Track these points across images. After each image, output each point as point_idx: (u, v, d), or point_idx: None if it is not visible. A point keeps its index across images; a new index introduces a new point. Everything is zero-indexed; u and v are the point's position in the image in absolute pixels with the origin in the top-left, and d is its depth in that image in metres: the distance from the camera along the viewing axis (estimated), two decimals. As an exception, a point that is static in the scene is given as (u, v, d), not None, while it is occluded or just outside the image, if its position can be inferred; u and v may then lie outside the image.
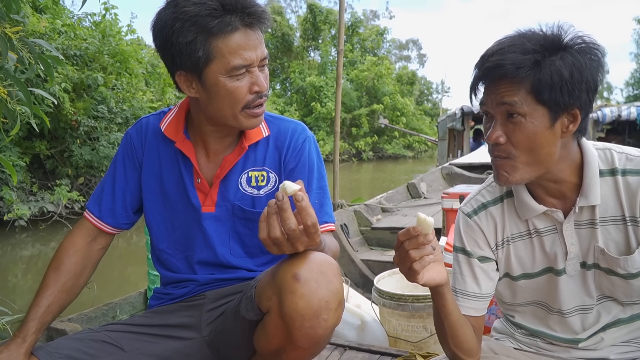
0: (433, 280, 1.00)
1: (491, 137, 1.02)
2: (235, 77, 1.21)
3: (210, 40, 1.17)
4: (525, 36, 1.00)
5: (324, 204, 1.36)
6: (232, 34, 1.17)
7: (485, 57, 1.02)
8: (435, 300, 1.08)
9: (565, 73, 0.96)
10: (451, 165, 7.73)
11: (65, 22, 8.18)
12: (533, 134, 0.99)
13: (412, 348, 2.10)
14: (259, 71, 1.23)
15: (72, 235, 1.38)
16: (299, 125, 1.42)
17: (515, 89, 0.98)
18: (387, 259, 3.85)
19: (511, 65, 0.97)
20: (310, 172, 1.37)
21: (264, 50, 1.23)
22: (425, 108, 34.60)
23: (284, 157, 1.37)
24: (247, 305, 1.21)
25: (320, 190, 1.37)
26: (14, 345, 1.19)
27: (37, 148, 7.60)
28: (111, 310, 2.21)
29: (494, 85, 1.01)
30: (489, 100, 1.03)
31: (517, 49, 0.98)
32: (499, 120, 1.02)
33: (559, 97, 0.97)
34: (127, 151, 1.42)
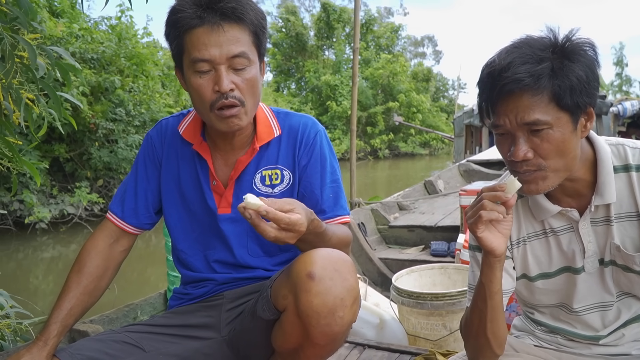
0: (490, 242, 1.00)
1: (518, 155, 0.98)
2: (199, 74, 1.21)
3: (180, 34, 1.21)
4: (529, 44, 0.98)
5: (338, 197, 1.36)
6: (195, 28, 1.19)
7: (495, 75, 0.97)
8: (483, 274, 1.06)
9: (582, 74, 0.96)
10: (468, 162, 7.66)
11: (82, 26, 8.30)
12: (562, 142, 0.98)
13: (431, 346, 2.09)
14: (226, 70, 1.20)
15: (94, 238, 1.39)
16: (310, 119, 1.42)
17: (537, 101, 0.95)
18: (405, 257, 3.83)
19: (530, 78, 0.94)
20: (322, 166, 1.37)
21: (234, 49, 1.19)
22: (442, 105, 34.34)
23: (297, 153, 1.37)
24: (264, 305, 1.21)
25: (334, 184, 1.37)
26: (36, 348, 1.21)
27: (56, 151, 7.72)
28: (132, 312, 2.23)
29: (512, 103, 0.97)
30: (507, 120, 0.98)
31: (529, 59, 0.95)
32: (522, 136, 0.99)
33: (580, 99, 0.96)
34: (148, 152, 1.44)
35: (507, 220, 1.00)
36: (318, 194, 1.33)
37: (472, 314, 1.13)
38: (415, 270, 2.49)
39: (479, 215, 0.98)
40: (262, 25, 1.27)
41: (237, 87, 1.22)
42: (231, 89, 1.21)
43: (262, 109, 1.40)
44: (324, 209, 1.32)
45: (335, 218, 1.32)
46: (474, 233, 1.01)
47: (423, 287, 2.40)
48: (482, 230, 0.99)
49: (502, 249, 1.02)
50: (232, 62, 1.21)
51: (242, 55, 1.21)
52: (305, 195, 1.35)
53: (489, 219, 0.98)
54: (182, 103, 9.53)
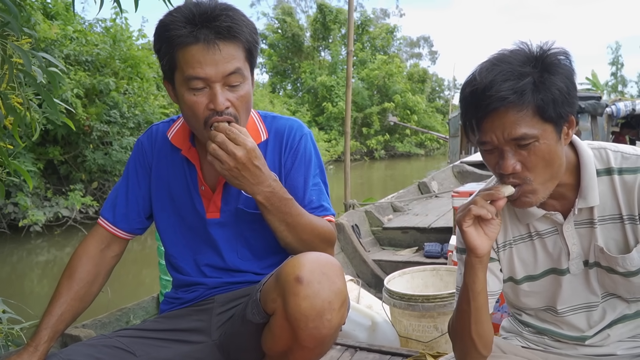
0: (473, 239, 1.02)
1: (507, 168, 1.00)
2: (193, 91, 1.20)
3: (172, 50, 1.20)
4: (507, 61, 0.99)
5: (321, 199, 1.38)
6: (189, 46, 1.18)
7: (479, 93, 0.98)
8: (466, 275, 1.08)
9: (562, 85, 0.98)
10: (462, 163, 7.69)
11: (77, 28, 8.28)
12: (548, 153, 1.00)
13: (423, 348, 2.10)
14: (221, 88, 1.20)
15: (86, 243, 1.40)
16: (295, 122, 1.42)
17: (522, 116, 0.97)
18: (399, 258, 3.84)
19: (514, 95, 0.95)
20: (306, 168, 1.38)
21: (229, 67, 1.19)
22: (437, 105, 34.40)
23: (282, 156, 1.38)
24: (253, 309, 1.22)
25: (316, 187, 1.38)
26: (27, 354, 1.21)
27: (50, 154, 7.70)
28: (124, 316, 2.23)
29: (498, 120, 0.98)
30: (495, 137, 0.99)
31: (510, 76, 0.97)
32: (509, 150, 1.00)
33: (562, 110, 0.98)
34: (139, 157, 1.45)
35: (494, 224, 1.02)
36: (301, 196, 1.34)
37: (457, 315, 1.15)
38: (408, 272, 2.51)
39: (468, 209, 1.01)
40: (255, 41, 1.27)
41: (232, 104, 1.22)
42: (227, 107, 1.21)
43: (250, 114, 1.39)
44: (307, 210, 1.33)
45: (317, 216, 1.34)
46: (460, 226, 1.03)
47: (415, 289, 2.41)
48: (469, 224, 1.02)
49: (484, 250, 1.03)
50: (227, 79, 1.21)
51: (237, 72, 1.21)
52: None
53: (477, 214, 1.01)
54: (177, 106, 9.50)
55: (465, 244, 1.04)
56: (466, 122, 1.04)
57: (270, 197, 1.21)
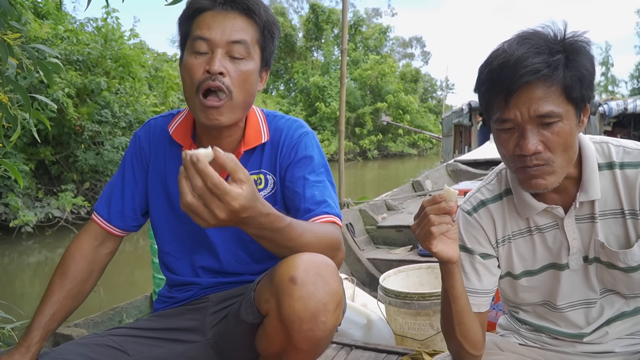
0: (445, 253, 1.01)
1: (529, 149, 0.97)
2: (195, 54, 1.21)
3: (190, 16, 1.23)
4: (537, 36, 0.98)
5: (324, 195, 1.29)
6: (205, 11, 1.21)
7: (510, 65, 0.96)
8: (445, 281, 1.08)
9: (589, 66, 0.97)
10: (456, 162, 7.71)
11: (68, 28, 8.23)
12: (570, 135, 0.99)
13: (418, 346, 2.09)
14: (222, 55, 1.19)
15: (79, 240, 1.37)
16: (296, 121, 1.39)
17: (550, 93, 0.96)
18: (393, 257, 3.84)
19: (548, 68, 0.94)
20: (307, 165, 1.32)
21: (235, 35, 1.20)
22: (430, 105, 34.53)
23: (279, 155, 1.34)
24: (247, 309, 1.20)
25: (319, 184, 1.31)
26: (18, 354, 1.19)
27: (41, 154, 7.64)
28: (117, 315, 2.21)
29: (525, 95, 0.96)
30: (519, 113, 0.97)
31: (544, 50, 0.96)
32: (532, 129, 0.98)
33: (585, 92, 0.98)
34: (136, 153, 1.41)
35: (453, 227, 1.02)
36: (301, 193, 1.29)
37: (442, 318, 1.15)
38: (403, 271, 2.50)
39: (429, 231, 0.99)
40: (271, 29, 1.26)
41: (229, 74, 1.19)
42: (221, 72, 1.18)
43: (255, 112, 1.37)
44: (309, 207, 1.26)
45: (320, 216, 1.25)
46: (428, 250, 1.01)
47: (410, 287, 2.41)
48: (436, 244, 1.00)
49: (457, 255, 1.04)
50: (230, 48, 1.20)
51: (242, 43, 1.20)
52: (290, 196, 1.31)
53: (439, 232, 0.99)
54: (170, 105, 9.47)
55: (440, 259, 1.03)
56: (490, 97, 1.01)
57: (261, 233, 1.04)
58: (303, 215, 1.25)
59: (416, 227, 1.02)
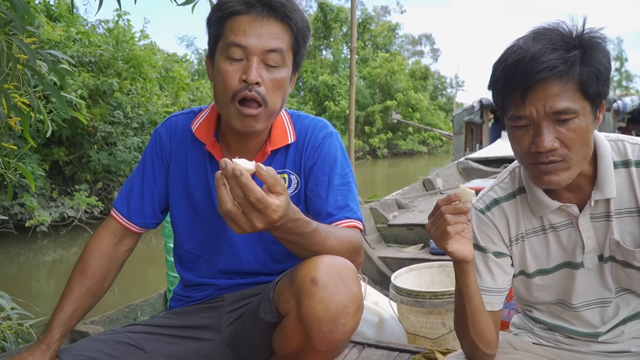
0: (460, 252, 1.01)
1: (544, 146, 0.97)
2: (230, 60, 1.19)
3: (222, 18, 1.21)
4: (552, 32, 0.98)
5: (347, 200, 1.29)
6: (239, 15, 1.19)
7: (526, 61, 0.95)
8: (458, 280, 1.07)
9: (605, 62, 0.97)
10: (467, 160, 7.67)
11: (80, 30, 8.29)
12: (585, 132, 0.98)
13: (431, 344, 2.09)
14: (258, 63, 1.18)
15: (98, 237, 1.37)
16: (320, 122, 1.38)
17: (567, 89, 0.95)
18: (405, 255, 3.83)
19: (564, 64, 0.94)
20: (331, 168, 1.31)
21: (271, 44, 1.18)
22: (440, 103, 34.33)
23: (303, 155, 1.33)
24: (266, 308, 1.21)
25: (343, 187, 1.31)
26: (39, 351, 1.21)
27: (56, 155, 7.71)
28: (132, 312, 2.24)
29: (541, 92, 0.96)
30: (534, 110, 0.97)
31: (560, 46, 0.95)
32: (547, 126, 0.97)
33: (601, 88, 0.98)
34: (156, 150, 1.40)
35: (468, 226, 1.01)
36: (324, 196, 1.29)
37: (456, 317, 1.15)
38: (415, 269, 2.50)
39: (445, 231, 0.99)
40: (304, 34, 1.26)
41: (264, 83, 1.19)
42: (257, 83, 1.18)
43: (280, 113, 1.36)
44: (331, 211, 1.27)
45: (341, 221, 1.26)
46: (444, 249, 1.01)
47: (422, 286, 2.40)
48: (451, 244, 1.00)
49: (472, 255, 1.03)
50: (266, 56, 1.19)
51: (278, 52, 1.20)
52: (312, 198, 1.31)
53: (455, 232, 0.99)
54: (180, 105, 9.52)
55: (455, 258, 1.03)
56: (505, 94, 1.01)
57: (288, 236, 1.07)
58: (325, 219, 1.25)
59: (431, 227, 1.02)
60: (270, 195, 0.95)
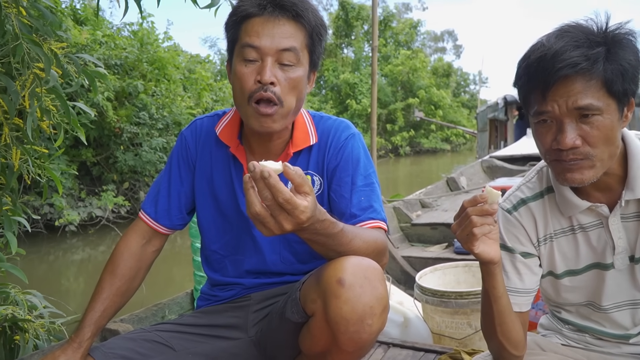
0: (487, 254, 1.00)
1: (566, 143, 0.96)
2: (245, 62, 1.21)
3: (237, 22, 1.23)
4: (577, 29, 0.97)
5: (371, 201, 1.30)
6: (253, 17, 1.21)
7: (548, 58, 0.95)
8: (485, 282, 1.06)
9: (632, 59, 0.95)
10: (491, 158, 7.57)
11: (105, 33, 8.45)
12: (610, 130, 0.97)
13: (456, 345, 2.08)
14: (272, 63, 1.20)
15: (127, 238, 1.40)
16: (342, 123, 1.39)
17: (590, 86, 0.94)
18: (428, 255, 3.81)
19: (586, 62, 0.93)
20: (354, 169, 1.32)
21: (285, 43, 1.19)
22: (463, 100, 34.00)
23: (326, 156, 1.34)
24: (293, 308, 1.22)
25: (366, 188, 1.31)
26: (71, 349, 1.23)
27: (83, 156, 7.87)
28: (160, 311, 2.28)
29: (563, 88, 0.95)
30: (557, 106, 0.96)
31: (583, 43, 0.94)
32: (570, 122, 0.96)
33: (628, 87, 0.96)
34: (182, 152, 1.43)
35: (495, 227, 1.00)
36: (348, 197, 1.29)
37: (483, 318, 1.14)
38: (439, 269, 2.48)
39: (472, 233, 0.98)
40: (319, 32, 1.26)
41: (279, 83, 1.20)
42: (272, 82, 1.19)
43: (302, 115, 1.37)
44: (355, 212, 1.27)
45: (365, 222, 1.26)
46: (470, 251, 1.00)
47: (447, 286, 2.39)
48: (478, 246, 0.99)
49: (499, 256, 1.02)
50: (280, 56, 1.20)
51: (291, 50, 1.21)
52: (335, 200, 1.31)
53: (482, 234, 0.98)
54: (203, 105, 9.63)
55: (481, 260, 1.02)
56: (527, 91, 1.00)
57: (315, 237, 1.07)
58: (348, 220, 1.26)
59: (457, 228, 1.01)
60: (298, 196, 0.95)
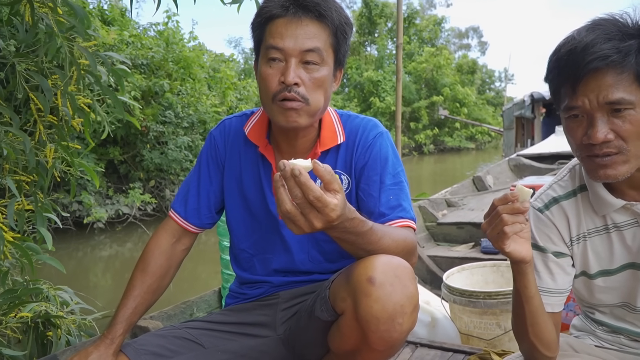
0: (519, 253, 0.98)
1: (597, 137, 0.94)
2: (269, 63, 1.22)
3: (262, 23, 1.24)
4: (611, 22, 0.95)
5: (400, 199, 1.29)
6: (277, 18, 1.21)
7: (578, 51, 0.93)
8: (517, 281, 1.05)
9: None
10: (519, 157, 7.44)
11: (132, 33, 8.59)
12: None
13: (485, 345, 2.05)
14: (296, 64, 1.20)
15: (157, 237, 1.42)
16: (370, 121, 1.38)
17: (621, 80, 0.92)
18: (455, 254, 3.77)
19: (617, 54, 0.91)
20: (382, 167, 1.31)
21: (308, 43, 1.20)
22: (488, 97, 33.55)
23: (354, 155, 1.34)
24: (322, 306, 1.22)
25: (395, 187, 1.31)
26: (103, 346, 1.26)
27: (111, 154, 8.02)
28: (188, 308, 2.31)
29: (594, 82, 0.93)
30: (587, 100, 0.95)
31: (615, 36, 0.92)
32: (601, 117, 0.94)
33: None
34: (211, 152, 1.44)
35: (526, 226, 0.99)
36: (376, 196, 1.29)
37: (514, 318, 1.12)
38: (467, 268, 2.45)
39: (502, 231, 0.96)
40: (344, 30, 1.26)
41: (303, 83, 1.21)
42: (296, 83, 1.20)
43: (329, 113, 1.38)
44: (383, 211, 1.27)
45: (394, 220, 1.26)
46: (501, 250, 0.99)
47: (475, 285, 2.36)
48: (509, 244, 0.97)
49: (530, 255, 1.00)
50: (304, 56, 1.21)
51: (315, 51, 1.21)
52: (364, 199, 1.31)
53: (513, 232, 0.96)
54: (228, 104, 9.71)
55: (512, 259, 1.01)
56: (557, 85, 0.99)
57: (344, 236, 1.07)
58: (377, 218, 1.25)
59: (487, 226, 1.00)
60: (328, 194, 0.96)
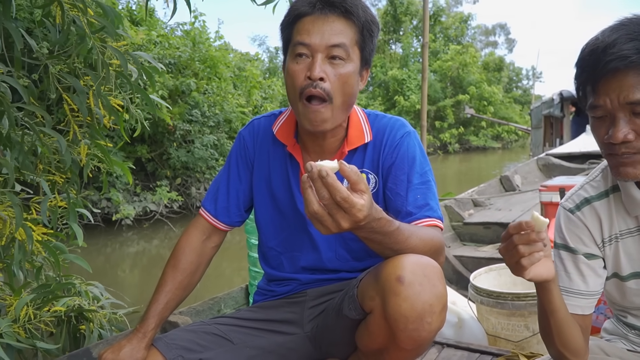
0: (540, 276, 0.97)
1: (617, 137, 0.94)
2: (296, 59, 1.24)
3: (290, 21, 1.26)
4: (635, 22, 0.94)
5: (427, 199, 1.29)
6: (304, 16, 1.24)
7: (599, 51, 0.94)
8: (540, 297, 1.04)
9: None
10: (548, 156, 7.31)
11: (160, 33, 8.73)
12: None
13: (513, 347, 2.03)
14: (322, 60, 1.22)
15: (188, 234, 1.45)
16: (398, 121, 1.39)
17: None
18: (481, 254, 3.73)
19: (637, 55, 0.90)
20: (410, 167, 1.32)
21: (334, 39, 1.21)
22: (515, 95, 33.00)
23: (382, 154, 1.34)
24: (350, 305, 1.22)
25: (422, 186, 1.31)
26: (136, 339, 1.29)
27: (139, 152, 8.17)
28: (216, 305, 2.34)
29: (615, 82, 0.93)
30: (608, 100, 0.95)
31: (637, 37, 0.92)
32: (623, 117, 0.94)
33: None
34: (240, 152, 1.47)
35: (547, 246, 0.96)
36: (404, 196, 1.29)
37: (540, 327, 1.11)
38: (494, 269, 2.43)
39: (520, 264, 0.94)
40: (370, 28, 1.27)
41: (328, 79, 1.22)
42: (321, 78, 1.21)
43: (356, 113, 1.39)
44: (411, 210, 1.27)
45: (422, 220, 1.26)
46: (521, 277, 0.96)
47: (503, 286, 2.33)
48: (528, 272, 0.95)
49: (553, 273, 0.99)
50: (330, 51, 1.22)
51: (341, 46, 1.22)
52: (391, 198, 1.32)
53: (530, 264, 0.94)
54: (253, 103, 9.79)
55: (536, 282, 0.99)
56: (581, 84, 1.00)
57: (371, 236, 1.07)
58: (404, 218, 1.25)
59: (504, 253, 0.97)
60: (355, 194, 0.96)
